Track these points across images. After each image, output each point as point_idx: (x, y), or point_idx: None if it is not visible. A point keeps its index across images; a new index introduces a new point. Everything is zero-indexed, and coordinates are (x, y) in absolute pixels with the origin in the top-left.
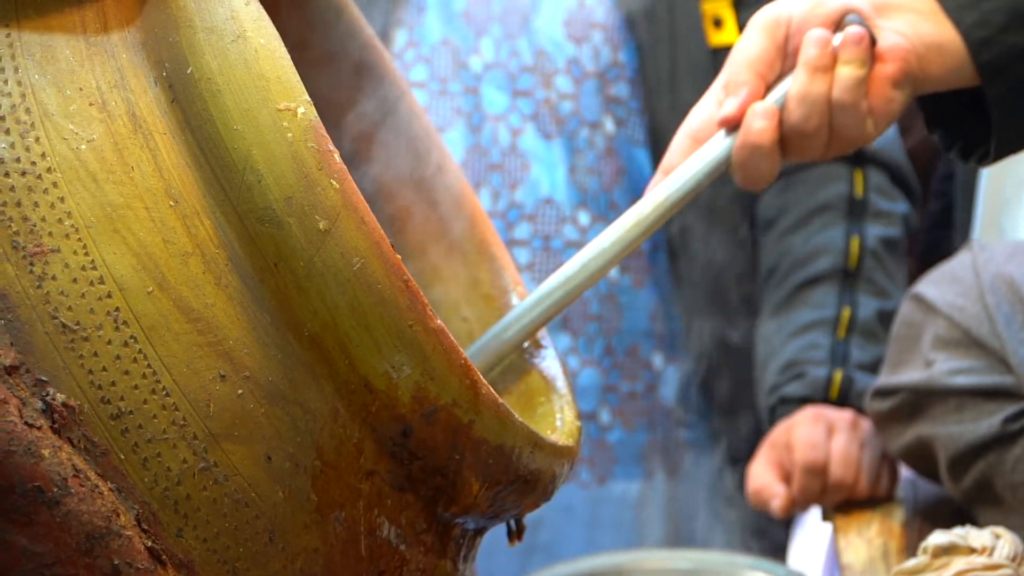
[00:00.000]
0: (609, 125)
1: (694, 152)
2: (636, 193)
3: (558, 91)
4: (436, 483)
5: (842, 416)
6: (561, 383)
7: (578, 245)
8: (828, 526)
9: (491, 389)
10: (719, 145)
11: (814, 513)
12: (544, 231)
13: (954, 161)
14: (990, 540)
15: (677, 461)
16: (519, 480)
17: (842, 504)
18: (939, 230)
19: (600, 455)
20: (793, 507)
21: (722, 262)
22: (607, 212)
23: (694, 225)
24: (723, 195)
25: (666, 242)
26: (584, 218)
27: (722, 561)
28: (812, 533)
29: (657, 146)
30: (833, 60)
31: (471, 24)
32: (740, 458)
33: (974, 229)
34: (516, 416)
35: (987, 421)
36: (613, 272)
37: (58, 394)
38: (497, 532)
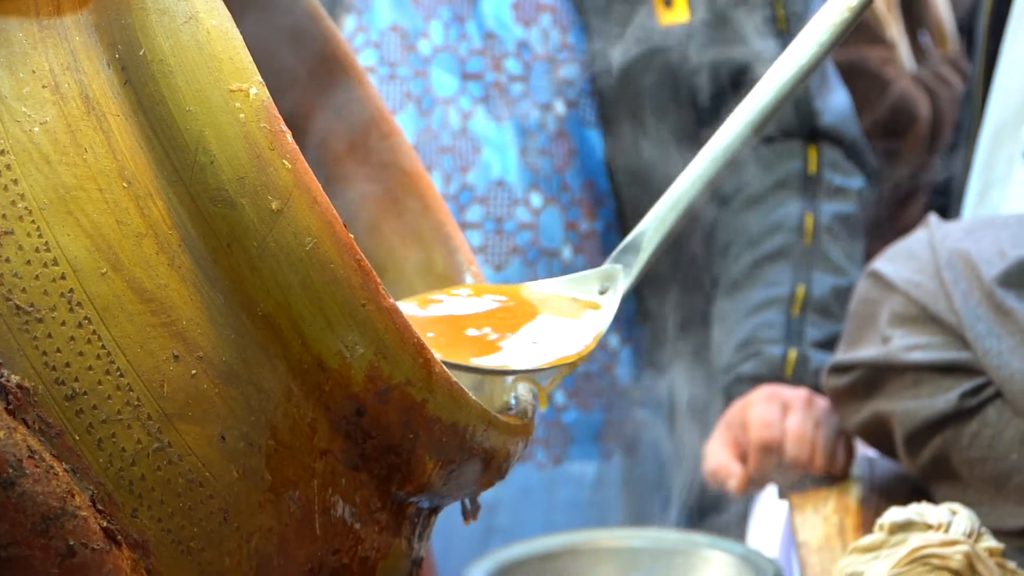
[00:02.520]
0: (560, 107)
1: None
2: (588, 174)
3: (508, 74)
4: (390, 462)
5: (797, 394)
6: None
7: (531, 227)
8: (784, 504)
9: (444, 368)
10: None
11: (770, 491)
12: (496, 213)
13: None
14: (946, 516)
15: (634, 441)
16: (473, 458)
17: (798, 482)
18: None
19: (556, 436)
20: (749, 486)
21: (677, 241)
22: (559, 194)
23: (648, 204)
24: (676, 172)
25: (619, 222)
26: (536, 200)
27: (680, 540)
28: (769, 511)
29: (608, 127)
30: None
31: (420, 8)
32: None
33: (965, 204)
34: (470, 395)
35: (944, 397)
36: (567, 253)
37: (12, 376)
38: (455, 515)
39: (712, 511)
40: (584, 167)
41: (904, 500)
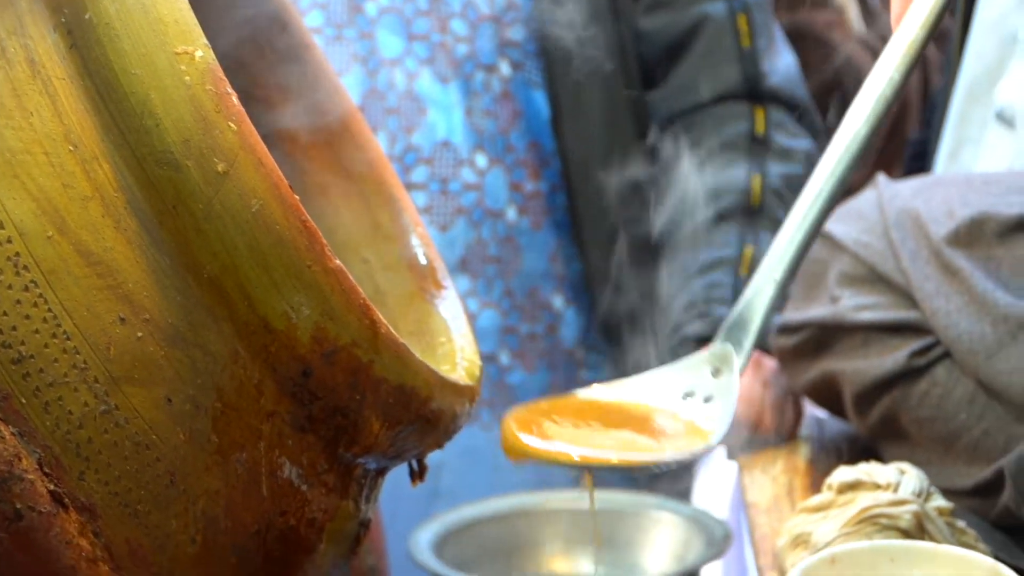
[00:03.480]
0: (505, 68)
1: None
2: (533, 136)
3: (454, 34)
4: (337, 423)
5: None
6: (461, 323)
7: (476, 188)
8: (733, 465)
9: (391, 329)
10: None
11: (719, 452)
12: (441, 174)
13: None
14: (895, 476)
15: None
16: (420, 419)
17: (747, 443)
18: (921, 160)
19: (500, 397)
20: None
21: (623, 203)
22: (504, 155)
23: (593, 166)
24: (623, 134)
25: (564, 182)
26: (481, 161)
27: (628, 501)
28: (717, 472)
29: (554, 88)
30: None
31: None
32: None
33: (937, 163)
34: (416, 356)
35: (893, 356)
36: (512, 214)
37: None
38: (401, 477)
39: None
40: (529, 128)
41: (853, 460)
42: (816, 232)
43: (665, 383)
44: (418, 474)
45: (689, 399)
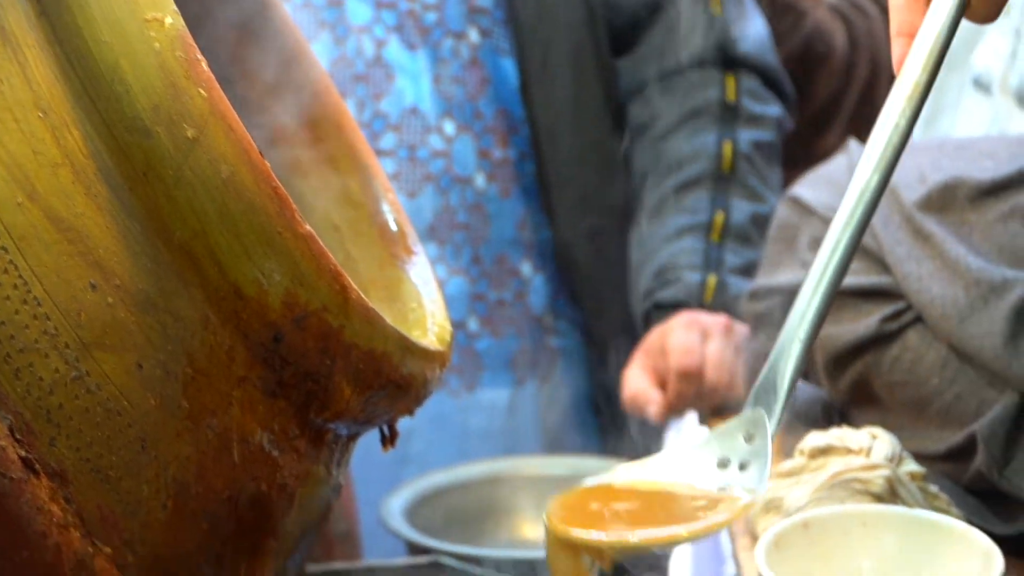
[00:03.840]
0: (474, 35)
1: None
2: (501, 103)
3: (422, 2)
4: (308, 389)
5: (716, 321)
6: (432, 289)
7: (444, 155)
8: (704, 430)
9: (361, 294)
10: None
11: (690, 418)
12: (409, 141)
13: None
14: (867, 441)
15: (548, 369)
16: (391, 384)
17: (718, 408)
18: None
19: (469, 363)
20: (669, 412)
21: (592, 170)
22: (472, 122)
23: (562, 133)
24: (592, 101)
25: (532, 150)
26: (449, 127)
27: (599, 467)
28: (688, 438)
29: (522, 56)
30: None
31: None
32: (616, 365)
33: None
34: (387, 321)
35: (864, 321)
36: (480, 181)
37: None
38: (370, 443)
39: (628, 438)
40: (498, 95)
41: (824, 425)
42: (836, 287)
43: (699, 455)
44: (389, 439)
45: (725, 469)
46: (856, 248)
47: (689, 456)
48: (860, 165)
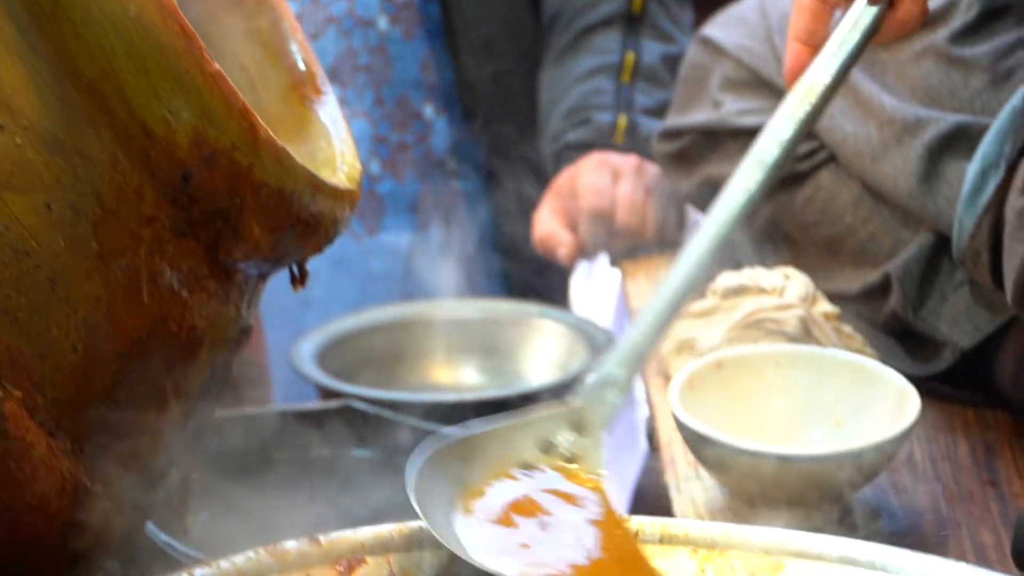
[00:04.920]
0: None
1: None
2: None
3: None
4: (217, 228)
5: (627, 161)
6: (341, 128)
7: None
8: (615, 272)
9: (270, 133)
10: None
11: (601, 259)
12: None
13: None
14: (780, 281)
15: (451, 212)
16: (300, 223)
17: (630, 250)
18: None
19: (371, 206)
20: (579, 254)
21: (497, 11)
22: None
23: None
24: None
25: None
26: None
27: (511, 310)
28: (600, 280)
29: None
30: None
31: None
32: (520, 208)
33: None
34: (296, 159)
35: None
36: (383, 23)
37: None
38: (272, 288)
39: (535, 281)
40: None
41: (737, 265)
42: (681, 304)
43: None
44: (299, 279)
45: (547, 454)
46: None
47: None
48: (735, 179)
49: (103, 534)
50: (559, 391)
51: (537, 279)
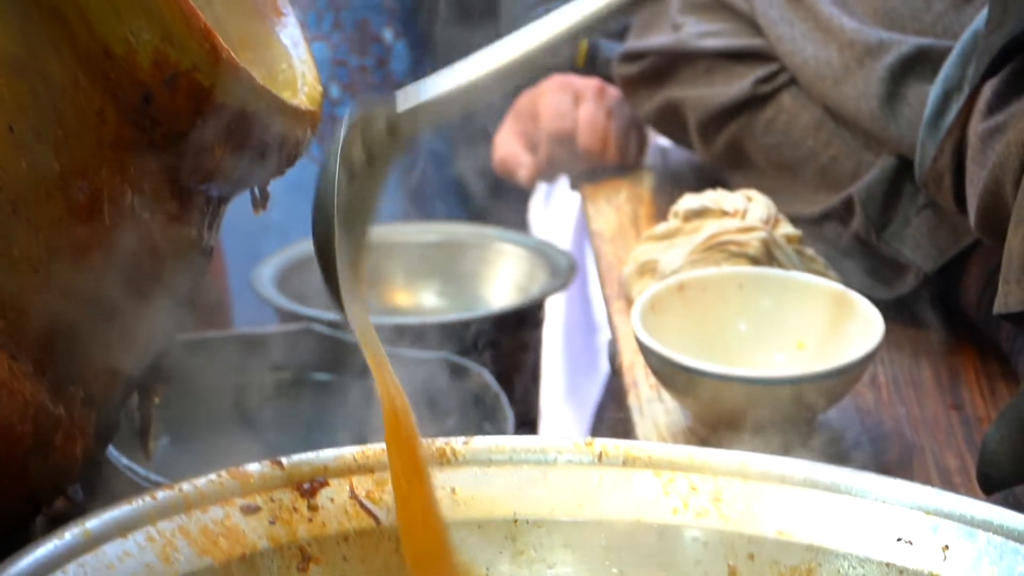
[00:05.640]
0: None
1: None
2: None
3: None
4: (179, 150)
5: (588, 84)
6: (302, 50)
7: None
8: (575, 195)
9: (232, 54)
10: None
11: (562, 182)
12: None
13: None
14: (742, 203)
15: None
16: (262, 145)
17: (590, 172)
18: None
19: (330, 130)
20: (539, 176)
21: None
22: None
23: None
24: None
25: None
26: None
27: (471, 233)
28: (559, 203)
29: None
30: None
31: None
32: (479, 131)
33: None
34: (258, 80)
35: (737, 84)
36: None
37: None
38: (230, 212)
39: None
40: None
41: (698, 189)
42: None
43: None
44: (260, 202)
45: None
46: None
47: None
48: None
49: (65, 458)
50: (521, 314)
51: (495, 201)
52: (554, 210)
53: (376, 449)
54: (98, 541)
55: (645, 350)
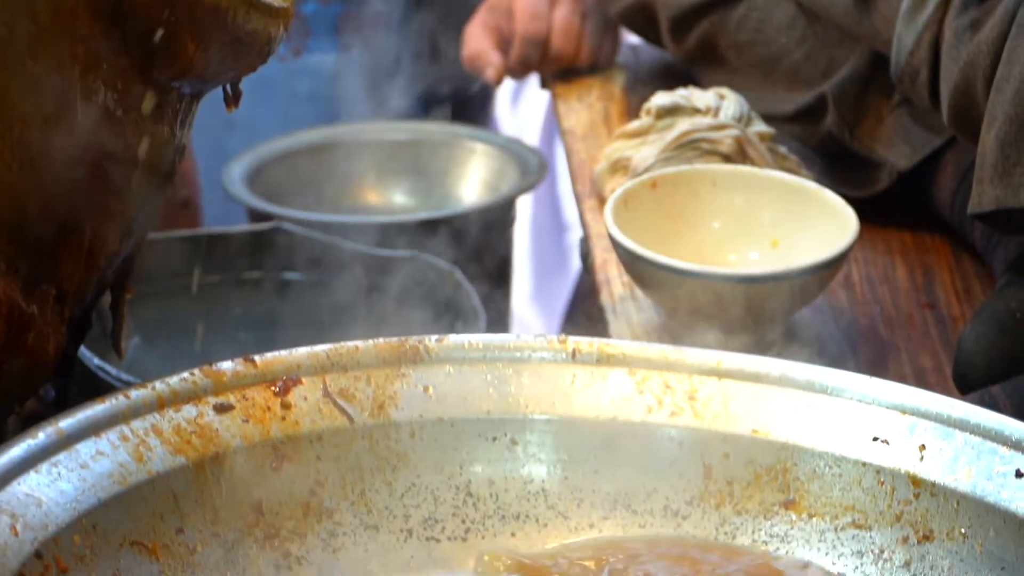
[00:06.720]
0: None
1: None
2: None
3: None
4: (152, 46)
5: None
6: None
7: None
8: (545, 93)
9: None
10: None
11: (531, 80)
12: None
13: None
14: (715, 101)
15: (374, 34)
16: (235, 41)
17: (561, 72)
18: None
19: (295, 27)
20: (507, 75)
21: None
22: None
23: None
24: None
25: None
26: None
27: (441, 131)
28: (528, 101)
29: None
30: None
31: None
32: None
33: None
34: None
35: None
36: None
37: None
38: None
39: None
40: None
41: (671, 87)
42: None
43: None
44: (233, 99)
45: None
46: None
47: None
48: None
49: (38, 358)
50: (490, 212)
51: (459, 95)
52: (522, 107)
53: (349, 347)
54: (71, 440)
55: (618, 247)
